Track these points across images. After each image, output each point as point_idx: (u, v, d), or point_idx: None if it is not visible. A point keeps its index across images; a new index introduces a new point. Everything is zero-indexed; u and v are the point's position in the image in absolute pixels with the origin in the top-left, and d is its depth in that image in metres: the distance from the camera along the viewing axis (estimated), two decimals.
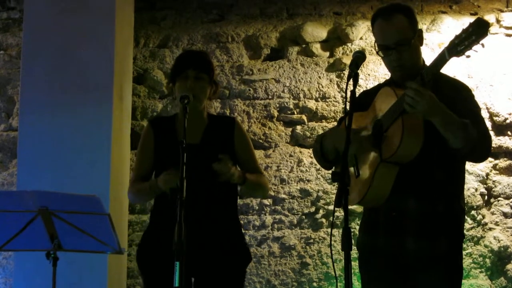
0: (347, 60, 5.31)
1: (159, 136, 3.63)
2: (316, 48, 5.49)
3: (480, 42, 2.72)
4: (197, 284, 3.53)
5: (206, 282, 3.51)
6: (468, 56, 2.82)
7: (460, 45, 2.75)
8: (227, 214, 3.59)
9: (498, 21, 5.33)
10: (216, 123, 3.69)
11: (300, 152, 5.37)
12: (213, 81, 3.66)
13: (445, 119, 2.92)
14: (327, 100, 5.39)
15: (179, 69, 3.59)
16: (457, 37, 2.77)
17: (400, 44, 3.10)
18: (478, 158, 3.19)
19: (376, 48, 3.18)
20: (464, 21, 5.32)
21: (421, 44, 3.22)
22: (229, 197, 3.60)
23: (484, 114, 5.06)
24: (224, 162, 3.41)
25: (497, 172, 5.21)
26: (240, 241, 3.63)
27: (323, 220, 5.27)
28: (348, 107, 2.82)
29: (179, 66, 3.61)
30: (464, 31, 2.75)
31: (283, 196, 5.31)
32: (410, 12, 3.19)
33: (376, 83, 4.75)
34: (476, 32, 2.71)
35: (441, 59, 2.84)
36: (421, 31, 3.20)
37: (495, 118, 5.19)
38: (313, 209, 5.29)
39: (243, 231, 3.71)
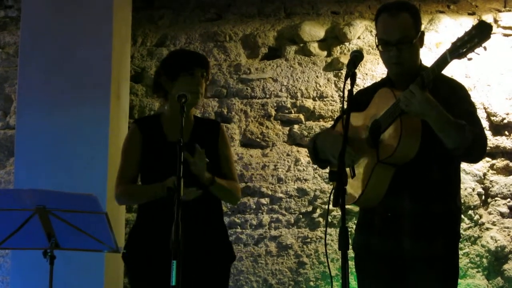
0: (345, 60, 5.31)
1: (146, 137, 3.61)
2: (314, 47, 5.49)
3: (483, 45, 2.72)
4: (183, 283, 3.55)
5: (191, 280, 3.49)
6: (470, 59, 2.80)
7: (462, 47, 2.75)
8: (213, 213, 3.61)
9: (495, 21, 5.33)
10: (202, 124, 3.70)
11: (298, 151, 5.37)
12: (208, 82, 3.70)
13: (439, 120, 2.92)
14: (325, 99, 5.40)
15: (187, 65, 3.56)
16: (459, 39, 2.77)
17: (401, 42, 3.10)
18: (473, 160, 3.20)
19: (377, 42, 3.19)
20: (461, 21, 5.33)
21: (422, 45, 3.22)
22: (215, 196, 3.59)
23: (482, 114, 5.07)
24: (198, 155, 3.40)
25: (494, 172, 5.21)
26: (224, 240, 3.65)
27: (320, 219, 5.27)
28: (345, 107, 2.82)
29: (186, 61, 3.58)
30: (466, 33, 2.74)
31: (280, 195, 5.31)
32: (415, 12, 3.19)
33: (373, 83, 4.76)
34: (479, 35, 2.71)
35: (443, 61, 2.84)
36: (423, 32, 3.20)
37: (492, 118, 5.19)
38: (310, 208, 5.29)
39: (240, 229, 3.73)
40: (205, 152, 3.46)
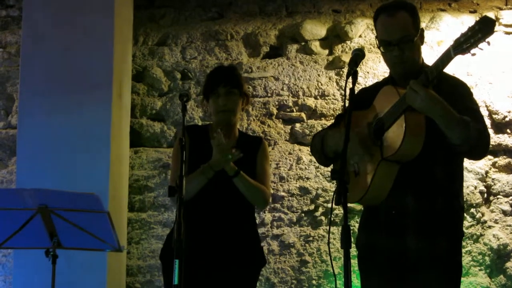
0: (346, 58, 5.30)
1: (194, 143, 3.72)
2: (315, 46, 5.49)
3: (486, 40, 2.71)
4: (211, 284, 3.64)
5: (219, 282, 3.62)
6: (473, 54, 2.79)
7: (466, 42, 2.74)
8: (246, 219, 3.77)
9: (497, 19, 5.32)
10: (245, 139, 3.87)
11: (299, 150, 5.37)
12: (244, 93, 3.83)
13: (444, 116, 2.91)
14: (326, 98, 5.39)
15: (211, 87, 3.75)
16: (462, 35, 2.76)
17: (403, 41, 3.11)
18: (477, 156, 3.19)
19: (378, 43, 3.19)
20: (463, 19, 5.32)
21: (422, 42, 3.22)
22: (249, 204, 3.74)
23: (483, 112, 5.06)
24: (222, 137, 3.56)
25: (496, 170, 5.21)
26: (256, 245, 3.79)
27: (323, 218, 5.27)
28: (347, 105, 2.82)
29: (211, 84, 3.77)
30: (470, 28, 2.74)
31: (282, 194, 5.31)
32: (413, 10, 3.19)
33: (375, 81, 4.75)
34: (482, 30, 2.70)
35: (446, 57, 2.84)
36: (423, 30, 3.21)
37: (494, 116, 5.19)
38: (312, 207, 5.29)
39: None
40: (244, 165, 3.64)
